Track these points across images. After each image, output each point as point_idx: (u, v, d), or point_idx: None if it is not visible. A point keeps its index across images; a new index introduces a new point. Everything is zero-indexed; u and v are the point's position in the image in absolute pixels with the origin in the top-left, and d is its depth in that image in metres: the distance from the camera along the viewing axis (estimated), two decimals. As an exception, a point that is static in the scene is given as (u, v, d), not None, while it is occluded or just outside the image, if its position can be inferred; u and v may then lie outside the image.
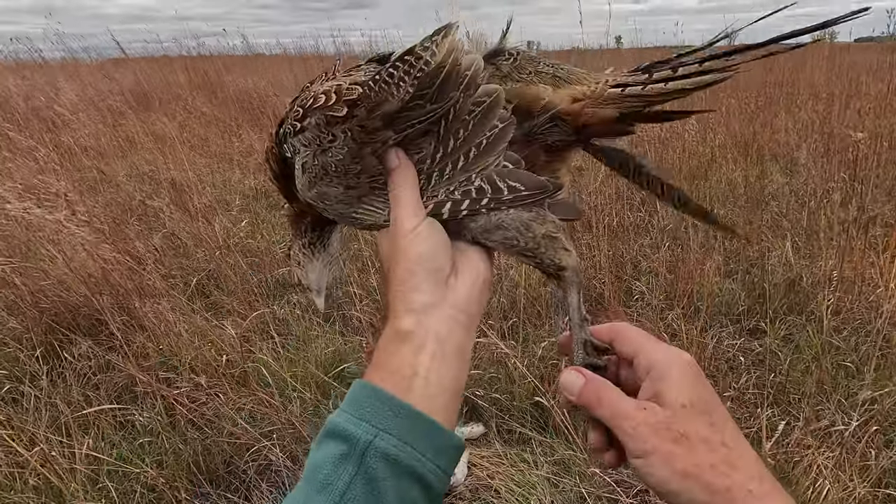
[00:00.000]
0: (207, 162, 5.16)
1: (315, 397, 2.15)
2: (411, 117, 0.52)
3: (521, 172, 0.54)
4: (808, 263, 2.89)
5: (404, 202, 0.53)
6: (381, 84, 0.51)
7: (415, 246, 0.52)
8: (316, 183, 0.56)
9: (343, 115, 0.52)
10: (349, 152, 0.53)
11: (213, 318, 2.72)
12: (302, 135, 0.55)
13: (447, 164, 0.54)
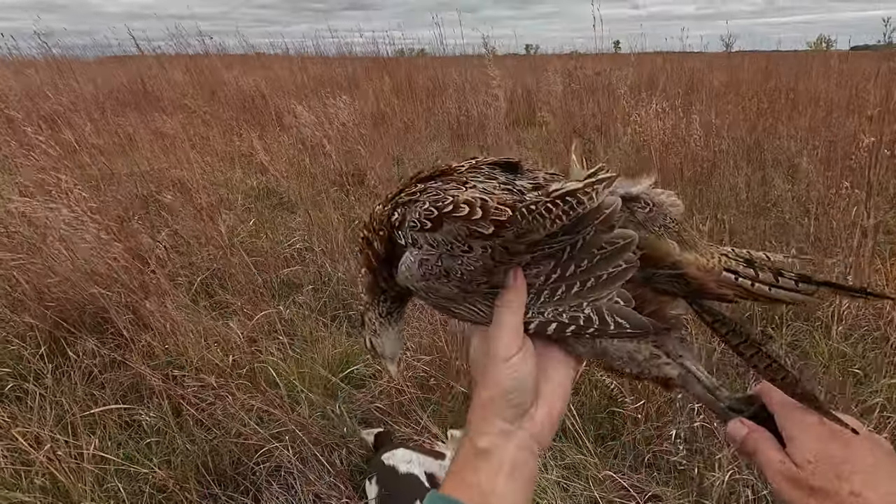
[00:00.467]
0: (209, 161, 5.14)
1: (323, 399, 2.14)
2: (546, 243, 0.55)
3: (628, 311, 0.56)
4: (813, 270, 2.90)
5: (507, 325, 0.55)
6: (536, 216, 0.52)
7: (506, 378, 0.54)
8: (430, 279, 0.57)
9: (488, 234, 0.53)
10: (483, 266, 0.55)
11: (219, 317, 2.71)
12: (430, 234, 0.56)
13: (561, 286, 0.56)
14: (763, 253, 0.60)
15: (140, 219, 3.72)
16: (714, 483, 1.72)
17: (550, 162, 4.97)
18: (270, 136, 5.81)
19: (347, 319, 2.79)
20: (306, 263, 3.22)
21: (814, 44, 16.38)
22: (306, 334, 2.59)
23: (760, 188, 4.25)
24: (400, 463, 1.72)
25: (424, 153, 5.58)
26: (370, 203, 4.17)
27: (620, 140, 5.14)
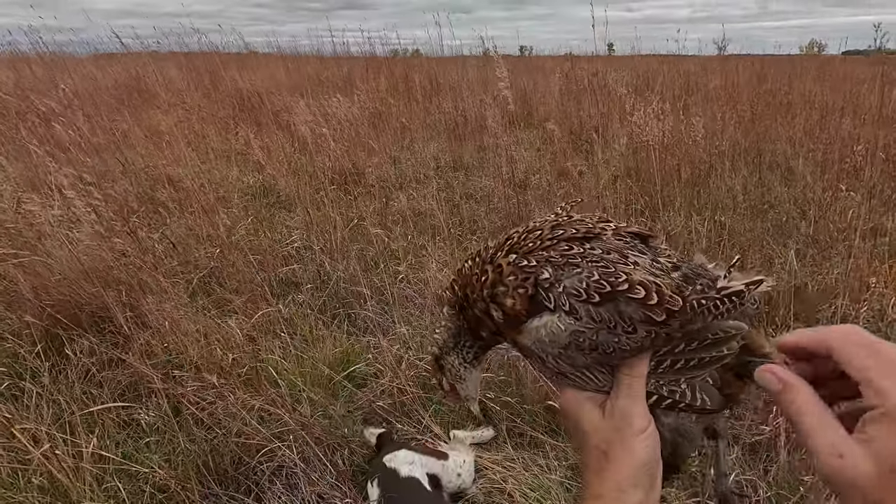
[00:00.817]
0: (205, 158, 5.10)
1: (325, 398, 2.12)
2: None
3: (714, 391, 0.60)
4: (812, 271, 2.91)
5: (640, 397, 0.56)
6: (704, 310, 0.54)
7: (643, 449, 0.55)
8: (571, 348, 0.56)
9: (659, 321, 0.53)
10: (639, 347, 0.55)
11: (218, 316, 2.69)
12: (594, 308, 0.54)
13: (667, 361, 0.57)
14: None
15: (138, 216, 3.69)
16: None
17: (549, 163, 4.98)
18: (267, 134, 5.78)
19: (348, 318, 2.78)
20: (305, 262, 3.20)
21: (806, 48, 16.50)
22: (306, 333, 2.57)
23: (757, 190, 4.27)
24: (402, 465, 1.71)
25: (422, 153, 5.57)
26: (369, 202, 4.16)
27: (618, 141, 5.15)
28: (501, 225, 3.75)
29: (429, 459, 1.81)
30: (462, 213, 4.00)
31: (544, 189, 4.28)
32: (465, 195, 4.46)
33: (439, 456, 1.86)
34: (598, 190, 3.89)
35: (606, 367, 0.58)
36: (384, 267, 3.18)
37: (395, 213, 4.01)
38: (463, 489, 1.89)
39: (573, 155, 5.35)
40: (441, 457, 1.86)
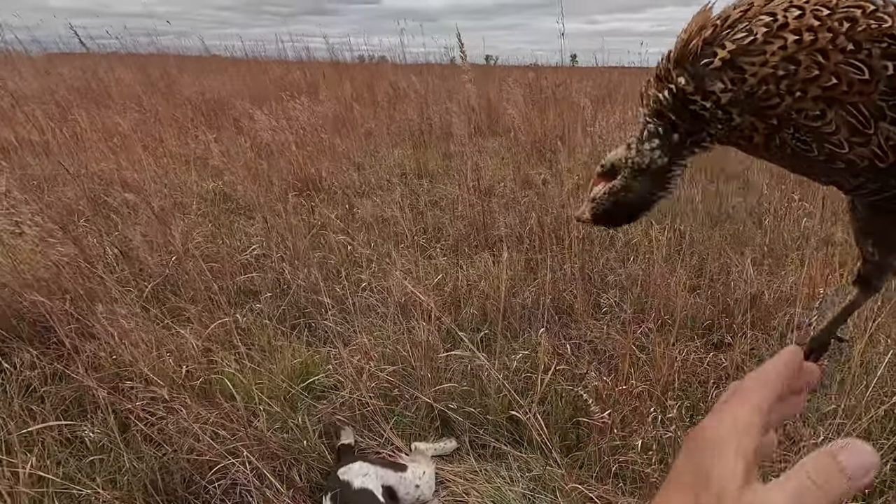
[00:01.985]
0: (163, 163, 4.95)
1: (282, 411, 2.05)
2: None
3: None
4: (768, 280, 2.98)
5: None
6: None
7: None
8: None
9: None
10: None
11: (172, 326, 2.59)
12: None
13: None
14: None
15: (87, 221, 3.54)
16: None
17: (513, 171, 4.99)
18: (227, 138, 5.65)
19: (308, 328, 2.71)
20: (264, 270, 3.12)
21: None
22: (264, 343, 2.50)
23: (715, 199, 4.37)
24: (355, 478, 1.67)
25: (387, 160, 5.52)
26: (332, 209, 4.09)
27: (582, 150, 5.20)
28: (466, 233, 3.73)
29: (385, 471, 1.76)
30: (427, 221, 3.97)
31: (509, 197, 4.28)
32: (430, 202, 4.44)
33: (397, 468, 1.82)
34: (561, 199, 3.90)
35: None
36: (346, 275, 3.12)
37: (358, 220, 3.96)
38: (423, 501, 1.85)
39: (537, 163, 5.39)
40: (399, 468, 1.82)
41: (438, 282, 2.99)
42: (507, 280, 3.01)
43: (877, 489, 1.83)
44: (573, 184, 4.23)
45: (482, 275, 3.08)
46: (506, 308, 2.78)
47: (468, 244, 3.59)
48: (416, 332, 2.38)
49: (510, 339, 2.58)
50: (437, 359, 2.29)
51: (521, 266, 3.22)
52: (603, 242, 3.61)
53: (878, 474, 1.86)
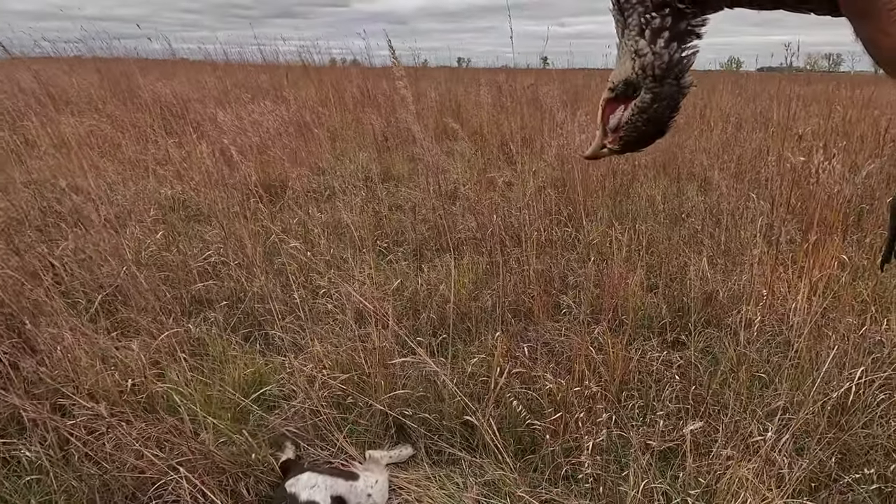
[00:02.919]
0: (119, 169, 4.83)
1: (231, 423, 2.01)
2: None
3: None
4: (723, 278, 3.02)
5: None
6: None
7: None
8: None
9: None
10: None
11: (120, 338, 2.51)
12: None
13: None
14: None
15: (36, 230, 3.43)
16: (629, 492, 1.73)
17: (478, 174, 4.99)
18: (188, 143, 5.54)
19: (263, 337, 2.66)
20: (221, 278, 3.05)
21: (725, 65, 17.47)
22: (217, 354, 2.44)
23: (676, 200, 4.43)
24: (303, 490, 1.63)
25: (352, 164, 5.48)
26: (294, 214, 4.04)
27: (548, 152, 5.23)
28: (428, 236, 3.72)
29: (335, 481, 1.73)
30: (390, 225, 3.95)
31: (472, 199, 4.28)
32: (394, 206, 4.41)
33: (348, 476, 1.79)
34: (524, 201, 3.91)
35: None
36: (305, 281, 3.08)
37: (320, 225, 3.91)
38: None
39: (504, 165, 5.41)
40: (350, 477, 1.79)
41: (398, 286, 2.97)
42: (467, 284, 3.01)
43: (821, 482, 1.86)
44: (536, 186, 4.25)
45: (442, 278, 3.07)
46: (465, 312, 2.77)
47: (430, 248, 3.57)
48: (371, 339, 2.36)
49: (467, 343, 2.57)
50: (393, 365, 2.27)
51: (482, 269, 3.22)
52: (564, 243, 3.63)
53: (824, 468, 1.89)
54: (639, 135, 0.61)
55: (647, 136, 0.62)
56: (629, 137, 0.62)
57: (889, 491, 1.79)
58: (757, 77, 12.95)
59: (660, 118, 0.60)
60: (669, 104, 0.59)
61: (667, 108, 0.59)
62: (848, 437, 1.98)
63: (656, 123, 0.60)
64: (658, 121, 0.60)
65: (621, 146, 0.63)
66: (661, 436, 2.06)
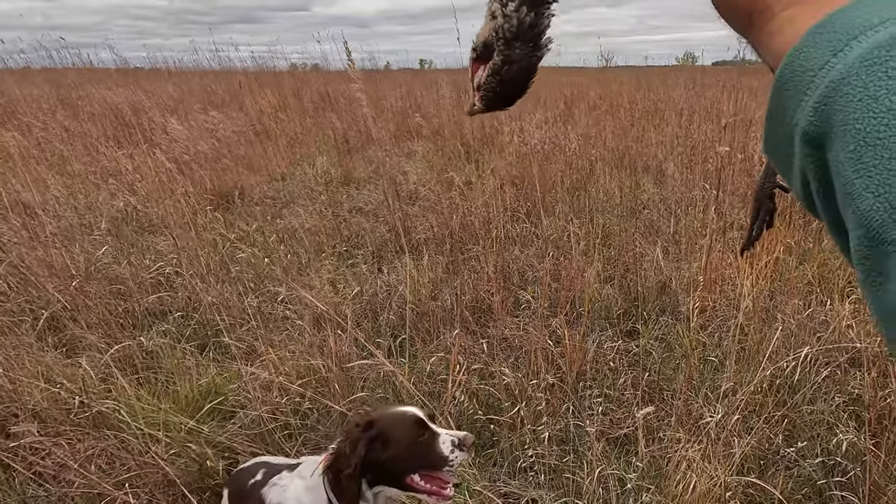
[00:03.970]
0: (68, 182, 4.69)
1: (185, 435, 1.97)
2: None
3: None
4: (676, 267, 3.09)
5: None
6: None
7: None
8: None
9: None
10: None
11: (69, 354, 2.44)
12: None
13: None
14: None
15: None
16: (585, 479, 1.76)
17: (438, 174, 5.00)
18: (142, 153, 5.41)
19: (220, 346, 2.62)
20: (175, 289, 2.99)
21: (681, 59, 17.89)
22: (172, 366, 2.39)
23: (632, 192, 4.52)
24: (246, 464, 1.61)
25: (312, 168, 5.43)
26: (252, 221, 3.98)
27: (507, 150, 5.28)
28: (387, 238, 3.71)
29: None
30: (349, 228, 3.93)
31: (433, 200, 4.29)
32: (354, 209, 4.39)
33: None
34: (483, 199, 3.94)
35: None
36: (262, 288, 3.04)
37: (279, 231, 3.87)
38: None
39: (464, 165, 5.43)
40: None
41: (357, 290, 2.95)
42: (426, 284, 3.01)
43: (769, 459, 1.92)
44: (496, 184, 4.28)
45: (402, 279, 3.06)
46: (424, 312, 2.77)
47: (389, 250, 3.57)
48: (328, 344, 2.34)
49: (427, 343, 2.57)
50: (351, 368, 2.25)
51: (441, 268, 3.22)
52: (523, 239, 3.67)
53: (771, 444, 1.95)
54: (495, 95, 0.62)
55: (503, 97, 0.62)
56: (487, 97, 0.63)
57: (832, 463, 1.86)
58: (711, 71, 13.27)
59: (513, 81, 0.60)
60: (521, 68, 0.59)
61: (519, 71, 0.59)
62: (793, 413, 2.05)
63: (510, 85, 0.61)
64: (511, 83, 0.60)
65: (484, 104, 0.64)
66: (616, 423, 2.10)
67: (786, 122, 0.31)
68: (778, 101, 0.32)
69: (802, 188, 0.31)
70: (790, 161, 0.31)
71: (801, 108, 0.29)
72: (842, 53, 0.28)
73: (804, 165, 0.30)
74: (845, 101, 0.27)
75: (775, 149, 0.33)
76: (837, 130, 0.27)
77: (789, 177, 0.33)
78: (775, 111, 0.32)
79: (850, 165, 0.27)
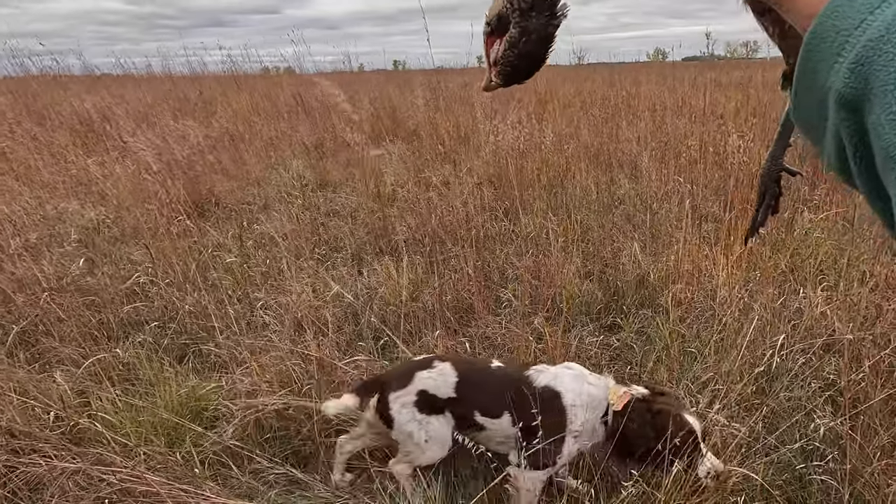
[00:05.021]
0: (37, 193, 4.58)
1: (164, 447, 1.93)
2: None
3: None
4: (653, 260, 3.13)
5: None
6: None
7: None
8: None
9: None
10: None
11: (43, 369, 2.38)
12: None
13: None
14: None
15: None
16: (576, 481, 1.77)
17: (415, 175, 4.99)
18: (112, 161, 5.31)
19: (199, 355, 2.58)
20: (151, 299, 2.94)
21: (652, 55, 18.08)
22: (150, 377, 2.34)
23: (609, 188, 4.56)
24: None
25: (287, 172, 5.38)
26: (228, 227, 3.93)
27: (482, 150, 5.29)
28: (367, 240, 3.69)
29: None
30: (327, 232, 3.90)
31: (411, 201, 4.28)
32: (331, 212, 4.36)
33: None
34: (462, 198, 3.94)
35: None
36: (241, 295, 3.00)
37: (256, 236, 3.82)
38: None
39: (441, 165, 5.42)
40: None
41: (337, 293, 2.93)
42: (407, 285, 3.00)
43: (751, 446, 1.95)
44: (473, 183, 4.29)
45: (382, 281, 3.05)
46: (405, 313, 2.76)
47: (369, 252, 3.55)
48: (310, 348, 2.32)
49: (409, 344, 2.56)
50: (333, 372, 2.24)
51: (422, 269, 3.22)
52: (502, 238, 3.68)
53: (752, 432, 1.98)
54: (513, 69, 0.61)
55: (522, 70, 0.62)
56: (505, 71, 0.62)
57: (811, 448, 1.90)
58: (682, 66, 13.52)
59: (532, 52, 0.59)
60: (539, 38, 0.58)
61: (537, 41, 0.59)
62: (772, 401, 2.09)
63: (529, 57, 0.60)
64: (530, 55, 0.60)
65: (503, 79, 0.63)
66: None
67: (817, 87, 0.29)
68: (808, 65, 0.30)
69: (837, 154, 0.30)
70: (822, 127, 0.30)
71: (834, 70, 0.28)
72: (879, 10, 0.27)
73: (839, 130, 0.28)
74: (885, 61, 0.25)
75: (805, 115, 0.32)
76: (877, 91, 0.26)
77: (821, 143, 0.31)
78: (805, 76, 0.30)
79: (892, 127, 0.25)
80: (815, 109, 0.30)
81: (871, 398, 1.92)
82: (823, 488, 1.78)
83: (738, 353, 2.19)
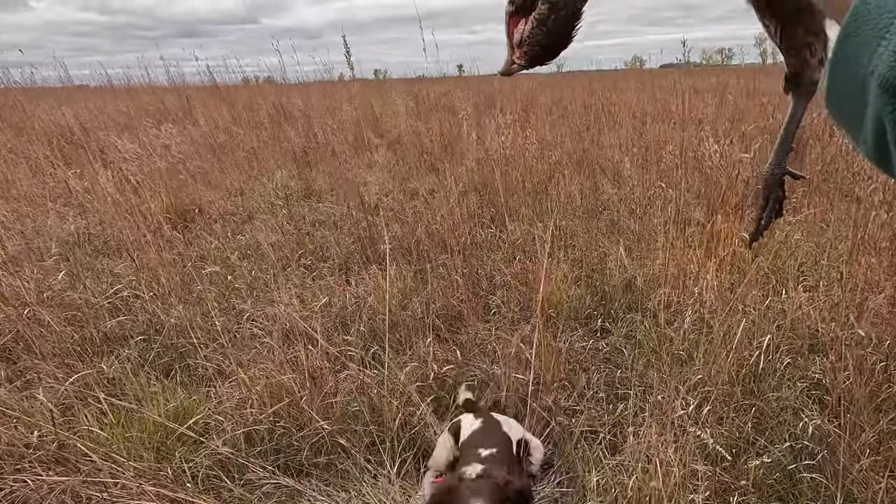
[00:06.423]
0: (14, 206, 4.49)
1: (154, 463, 1.89)
2: None
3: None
4: (640, 264, 3.17)
5: None
6: None
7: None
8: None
9: None
10: None
11: (24, 387, 2.33)
12: None
13: None
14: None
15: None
16: (565, 477, 1.77)
17: (400, 184, 4.99)
18: (92, 173, 5.22)
19: (187, 369, 2.54)
20: (135, 312, 2.89)
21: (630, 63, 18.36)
22: (136, 392, 2.30)
23: (593, 194, 4.60)
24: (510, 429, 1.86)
25: (271, 182, 5.34)
26: (212, 239, 3.88)
27: (468, 157, 5.31)
28: (353, 249, 3.67)
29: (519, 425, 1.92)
30: (313, 242, 3.87)
31: (397, 209, 4.27)
32: (316, 222, 4.34)
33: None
34: (448, 206, 3.95)
35: None
36: (227, 307, 2.96)
37: (240, 247, 3.78)
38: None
39: (425, 173, 5.43)
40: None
41: (325, 303, 2.91)
42: (396, 294, 2.99)
43: (741, 447, 1.97)
44: (459, 191, 4.30)
45: (371, 290, 3.04)
46: (395, 322, 2.75)
47: (356, 261, 3.53)
48: (300, 359, 2.30)
49: (400, 353, 2.55)
50: (324, 382, 2.22)
51: (409, 277, 3.21)
52: (490, 245, 3.69)
53: (741, 433, 2.01)
54: (542, 48, 0.58)
55: (550, 49, 0.59)
56: (533, 52, 0.59)
57: (800, 447, 1.93)
58: (660, 73, 13.74)
59: (561, 29, 0.57)
60: (568, 12, 0.56)
61: (566, 17, 0.56)
62: (761, 402, 2.11)
63: (558, 35, 0.57)
64: (559, 32, 0.57)
65: (528, 60, 0.60)
66: (591, 422, 2.13)
67: (857, 72, 0.29)
68: (846, 50, 0.29)
69: (876, 140, 0.29)
70: (861, 113, 0.29)
71: (878, 53, 0.27)
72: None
73: (882, 115, 0.28)
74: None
75: (840, 102, 0.31)
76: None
77: (859, 129, 0.31)
78: (843, 61, 0.30)
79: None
80: (854, 95, 0.29)
81: (856, 396, 1.96)
82: (813, 486, 1.81)
83: (726, 355, 2.22)
